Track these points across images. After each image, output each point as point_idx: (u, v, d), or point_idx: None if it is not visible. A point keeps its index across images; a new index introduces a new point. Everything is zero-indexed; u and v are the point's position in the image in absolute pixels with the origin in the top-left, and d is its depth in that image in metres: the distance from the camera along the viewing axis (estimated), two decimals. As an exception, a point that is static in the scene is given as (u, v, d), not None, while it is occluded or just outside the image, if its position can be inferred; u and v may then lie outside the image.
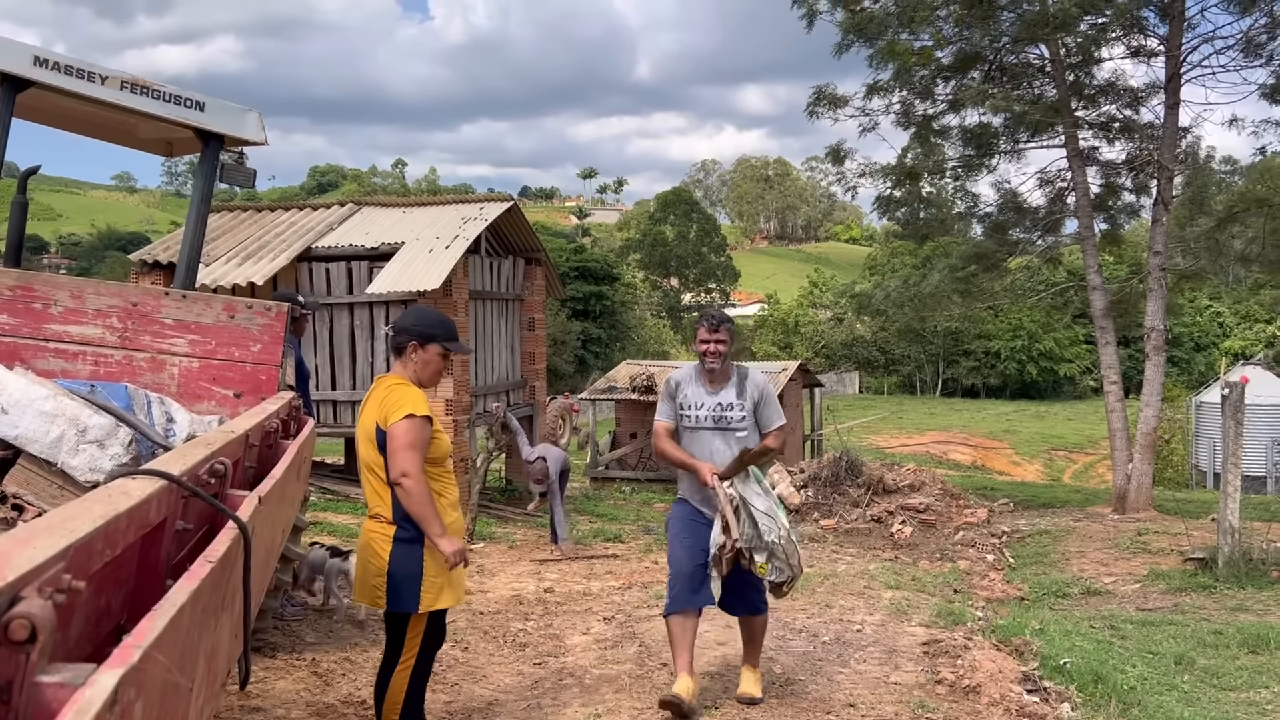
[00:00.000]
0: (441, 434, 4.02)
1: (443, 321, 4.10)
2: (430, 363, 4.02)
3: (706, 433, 4.97)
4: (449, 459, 4.11)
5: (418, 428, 3.84)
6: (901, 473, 14.33)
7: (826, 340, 67.17)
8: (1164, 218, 14.24)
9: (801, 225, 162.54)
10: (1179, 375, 55.99)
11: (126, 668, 0.76)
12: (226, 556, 1.23)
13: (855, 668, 6.30)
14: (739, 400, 5.00)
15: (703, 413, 4.97)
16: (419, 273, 10.87)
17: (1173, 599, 9.00)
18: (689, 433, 5.01)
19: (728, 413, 4.98)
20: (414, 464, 3.81)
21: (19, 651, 0.72)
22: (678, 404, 5.01)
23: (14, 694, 0.74)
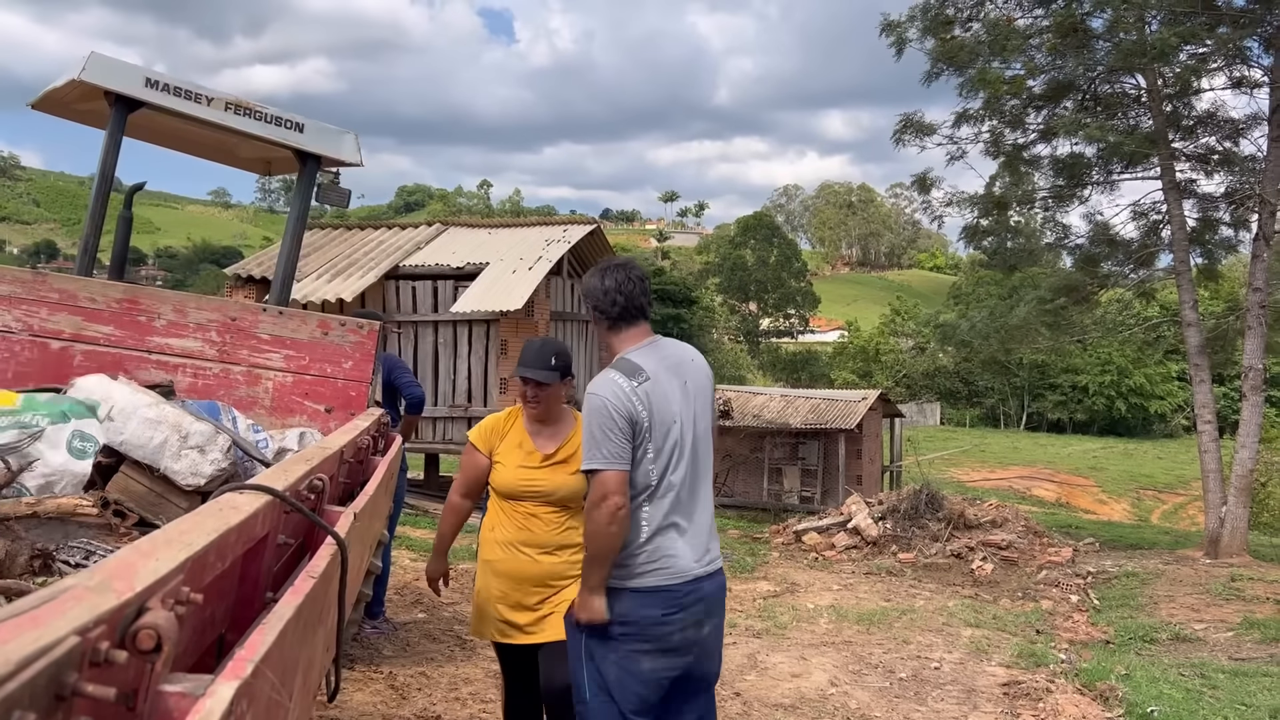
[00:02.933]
0: (502, 464, 3.86)
1: (526, 347, 3.90)
2: (522, 391, 3.91)
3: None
4: (520, 493, 3.83)
5: (465, 452, 4.01)
6: (983, 508, 14.03)
7: (908, 370, 66.23)
8: (1265, 253, 13.78)
9: (884, 252, 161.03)
10: (1278, 416, 53.99)
11: (241, 680, 0.79)
12: (327, 572, 1.26)
13: (933, 706, 6.17)
14: None
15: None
16: (502, 293, 11.02)
17: (1268, 649, 8.65)
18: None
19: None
20: (454, 484, 4.01)
21: (145, 661, 0.75)
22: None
23: (139, 702, 0.77)
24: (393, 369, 6.03)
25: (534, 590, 3.78)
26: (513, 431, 3.90)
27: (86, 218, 5.07)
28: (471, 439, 3.94)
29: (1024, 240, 16.91)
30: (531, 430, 3.88)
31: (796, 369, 67.37)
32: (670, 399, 3.22)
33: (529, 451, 3.85)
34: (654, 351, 3.30)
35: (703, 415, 3.33)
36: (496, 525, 3.86)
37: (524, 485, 3.81)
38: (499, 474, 3.84)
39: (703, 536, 3.24)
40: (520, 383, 3.83)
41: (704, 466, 3.31)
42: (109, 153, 4.90)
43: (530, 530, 3.79)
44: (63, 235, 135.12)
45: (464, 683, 5.46)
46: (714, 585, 3.26)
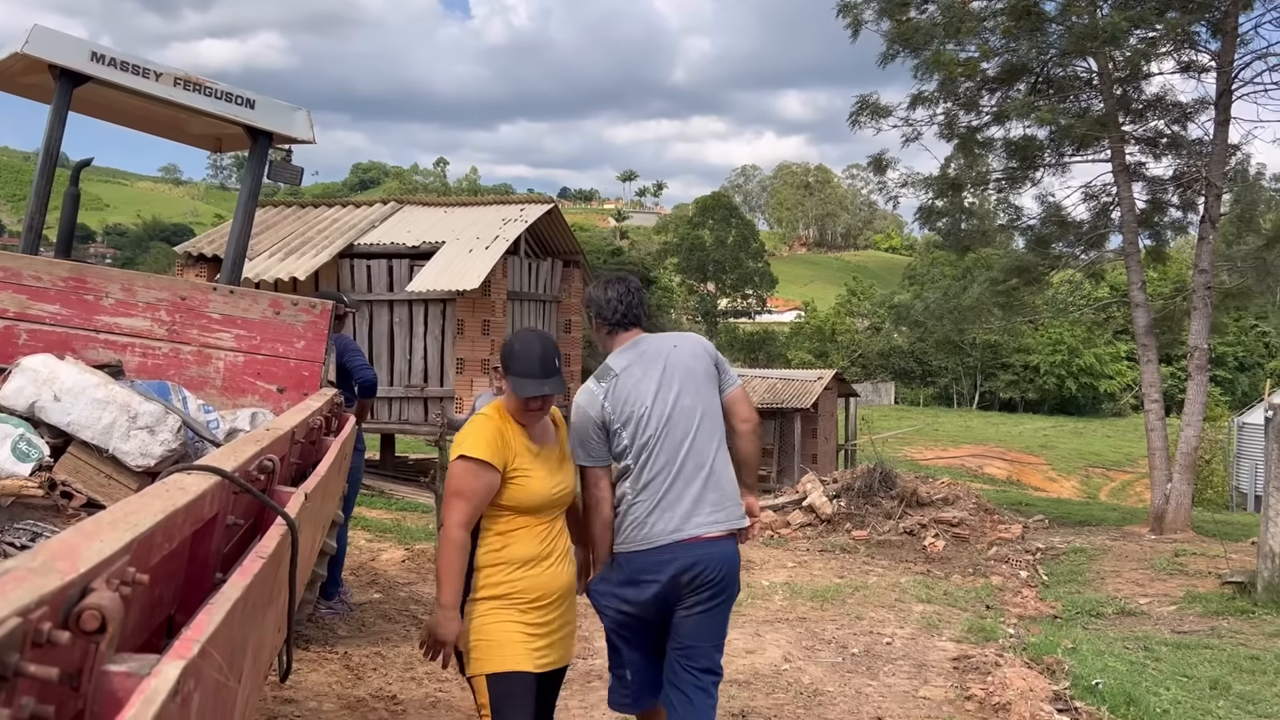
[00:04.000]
0: (529, 476, 3.27)
1: (521, 351, 3.29)
2: (509, 397, 3.32)
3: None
4: (551, 504, 3.36)
5: (464, 472, 3.20)
6: (936, 486, 14.22)
7: (863, 350, 66.84)
8: (1210, 235, 14.06)
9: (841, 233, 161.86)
10: (1222, 395, 55.12)
11: (188, 660, 0.79)
12: (276, 552, 1.26)
13: (884, 680, 6.27)
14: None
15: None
16: (458, 272, 10.96)
17: (1209, 622, 8.87)
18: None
19: None
20: (452, 515, 3.17)
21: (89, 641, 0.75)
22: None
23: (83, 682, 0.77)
24: (345, 351, 5.99)
25: (562, 602, 3.37)
26: (514, 438, 3.31)
27: (31, 194, 4.97)
28: (481, 455, 3.19)
29: (978, 222, 17.11)
30: (528, 432, 3.37)
31: (754, 349, 67.71)
32: (640, 389, 3.59)
33: (539, 453, 3.35)
34: (632, 349, 3.70)
35: (687, 393, 3.63)
36: (508, 546, 3.27)
37: (556, 492, 3.35)
38: (529, 488, 3.26)
39: (686, 504, 3.53)
40: (516, 397, 3.28)
41: (691, 440, 3.59)
42: (54, 128, 4.80)
43: (553, 541, 3.36)
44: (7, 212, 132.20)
45: (419, 662, 5.45)
46: (697, 549, 3.52)
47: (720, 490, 3.60)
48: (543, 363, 3.30)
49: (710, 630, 3.60)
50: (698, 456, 3.58)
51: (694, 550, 3.49)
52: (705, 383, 3.70)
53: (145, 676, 0.76)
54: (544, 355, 3.33)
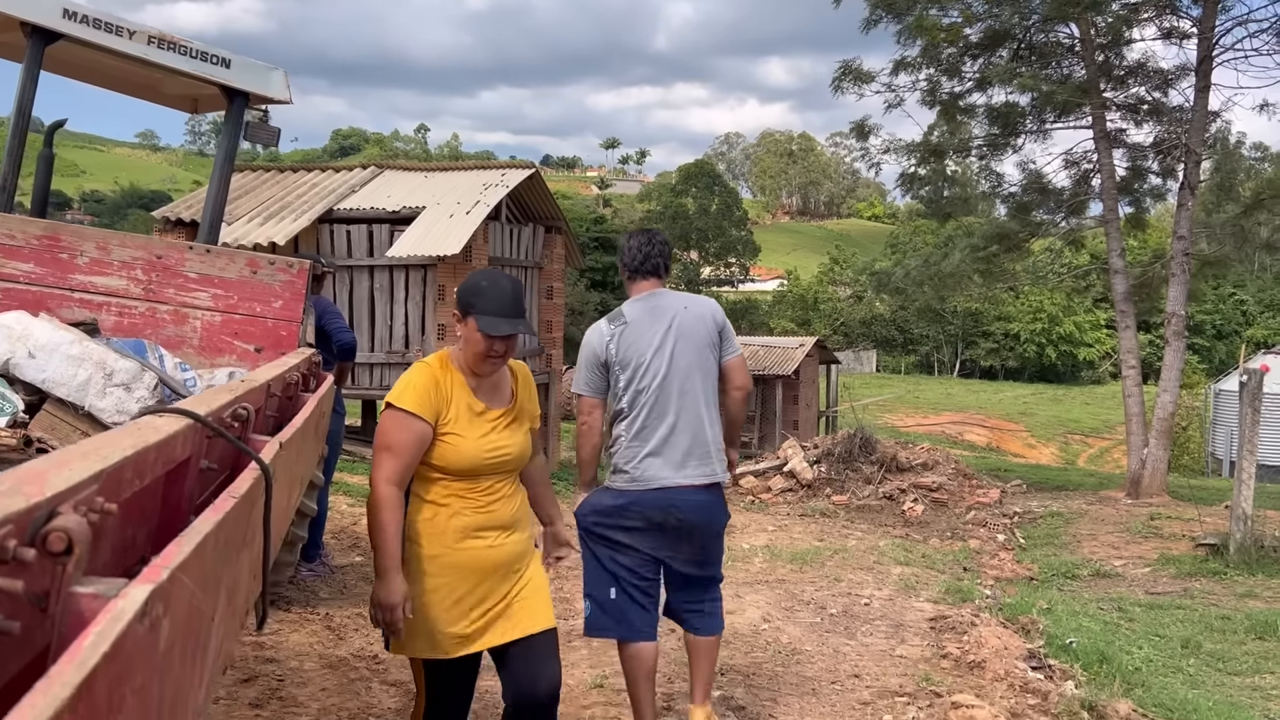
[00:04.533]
0: (460, 436, 3.01)
1: (490, 288, 3.03)
2: (470, 342, 3.02)
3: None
4: (486, 470, 3.06)
5: (391, 424, 2.96)
6: (915, 451, 14.34)
7: (845, 318, 67.00)
8: (1189, 202, 14.12)
9: (824, 201, 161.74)
10: (1199, 363, 55.62)
11: (156, 584, 0.80)
12: (249, 495, 1.27)
13: (862, 640, 6.35)
14: None
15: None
16: (439, 237, 10.91)
17: (1182, 584, 9.01)
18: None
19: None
20: (381, 470, 2.93)
21: (56, 563, 0.76)
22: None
23: (51, 603, 0.78)
24: (324, 313, 5.96)
25: (502, 581, 3.07)
26: (456, 391, 3.04)
27: (4, 156, 4.91)
28: (408, 405, 2.95)
29: (959, 189, 17.12)
30: (475, 386, 3.10)
31: (737, 318, 67.72)
32: (643, 341, 3.87)
33: (481, 413, 3.08)
34: (647, 300, 3.97)
35: (685, 353, 3.88)
36: (439, 514, 3.01)
37: (491, 456, 3.05)
38: (455, 449, 2.99)
39: (676, 454, 3.85)
40: (484, 339, 2.97)
41: (687, 397, 3.88)
42: (26, 88, 4.74)
43: (492, 511, 3.06)
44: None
45: (401, 623, 5.50)
46: (684, 497, 3.86)
47: (706, 446, 3.91)
48: (514, 300, 3.03)
49: (708, 560, 4.07)
50: (689, 413, 3.87)
51: (678, 496, 3.84)
52: (705, 346, 3.94)
53: (112, 598, 0.78)
54: (515, 293, 3.06)
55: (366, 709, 4.19)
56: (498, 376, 3.19)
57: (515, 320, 3.01)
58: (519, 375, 3.30)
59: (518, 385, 3.26)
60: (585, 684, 4.79)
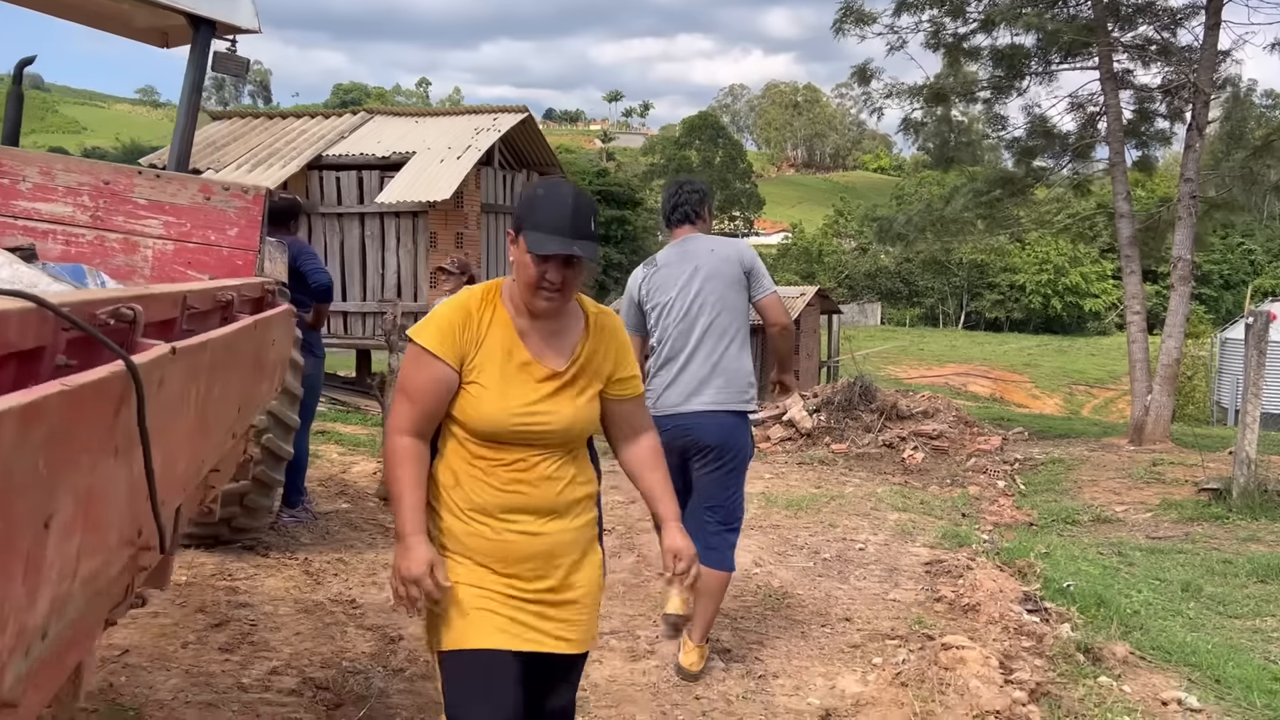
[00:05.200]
0: (483, 388, 2.43)
1: (546, 198, 2.41)
2: (520, 267, 2.41)
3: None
4: (512, 437, 2.45)
5: (408, 361, 2.47)
6: (915, 399, 14.20)
7: (850, 270, 66.61)
8: (1197, 144, 13.83)
9: (830, 153, 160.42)
10: (1206, 313, 55.24)
11: None
12: (99, 389, 1.12)
13: (854, 584, 6.25)
14: None
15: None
16: (429, 183, 10.71)
17: (1184, 528, 8.90)
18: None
19: None
20: (394, 416, 2.47)
21: None
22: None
23: None
24: (299, 254, 5.79)
25: (539, 574, 2.48)
26: (495, 331, 2.45)
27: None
28: (422, 340, 2.42)
29: (964, 135, 16.80)
30: (524, 330, 2.48)
31: (740, 270, 67.31)
32: (670, 282, 4.25)
33: (524, 365, 2.47)
34: (679, 245, 4.34)
35: (709, 292, 4.19)
36: (462, 481, 2.46)
37: (521, 422, 2.43)
38: (480, 403, 2.41)
39: (692, 384, 4.16)
40: (534, 261, 2.35)
41: (708, 332, 4.17)
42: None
43: (522, 491, 2.44)
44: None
45: (383, 568, 5.37)
46: (686, 422, 4.15)
47: (726, 377, 4.18)
48: (577, 215, 2.37)
49: (718, 487, 4.25)
50: (709, 347, 4.17)
51: (691, 420, 4.14)
52: (731, 286, 4.22)
53: None
54: (579, 206, 2.39)
55: (340, 653, 4.09)
56: (560, 322, 2.52)
57: (575, 240, 2.34)
58: (595, 325, 2.58)
59: (589, 338, 2.55)
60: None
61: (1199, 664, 5.26)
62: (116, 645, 3.92)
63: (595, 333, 2.57)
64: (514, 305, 2.49)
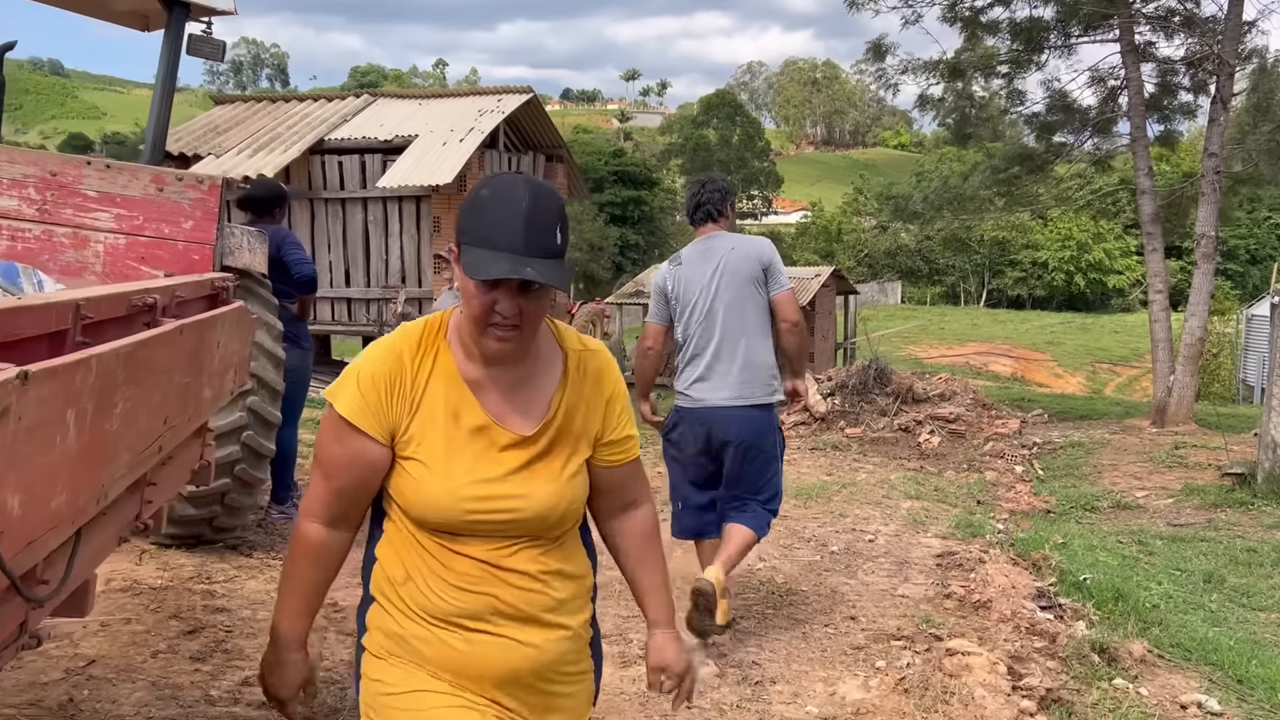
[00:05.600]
0: (424, 466, 1.82)
1: (492, 201, 1.77)
2: (466, 295, 1.78)
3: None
4: (466, 527, 1.83)
5: (324, 428, 1.86)
6: (932, 381, 13.94)
7: (869, 249, 65.97)
8: (1221, 117, 13.45)
9: (849, 130, 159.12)
10: (1232, 289, 54.41)
11: None
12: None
13: (862, 579, 6.05)
14: None
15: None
16: (431, 166, 10.51)
17: (1207, 515, 8.65)
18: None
19: None
20: (308, 494, 1.90)
21: None
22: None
23: None
24: (282, 244, 5.61)
25: (513, 696, 1.87)
26: (436, 386, 1.84)
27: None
28: (340, 408, 1.81)
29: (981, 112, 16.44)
30: (478, 382, 1.85)
31: (759, 250, 66.85)
32: (694, 279, 4.44)
33: (480, 430, 1.84)
34: (702, 243, 4.52)
35: (729, 289, 4.38)
36: (415, 576, 1.85)
37: (479, 509, 1.82)
38: (421, 486, 1.81)
39: (717, 379, 4.36)
40: (478, 289, 1.74)
41: (729, 328, 4.36)
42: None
43: (492, 593, 1.84)
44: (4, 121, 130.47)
45: (369, 567, 5.22)
46: (710, 415, 4.37)
47: (750, 371, 4.37)
48: (531, 228, 1.71)
49: (750, 479, 4.43)
50: (730, 343, 4.36)
51: (716, 414, 4.35)
52: (749, 283, 4.40)
53: None
54: (534, 216, 1.72)
55: (316, 659, 3.92)
56: (527, 367, 1.87)
57: (531, 259, 1.68)
58: (577, 367, 1.92)
59: (568, 387, 1.90)
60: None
61: (1221, 662, 5.05)
62: (83, 655, 3.77)
63: (577, 379, 1.90)
64: (463, 348, 1.82)
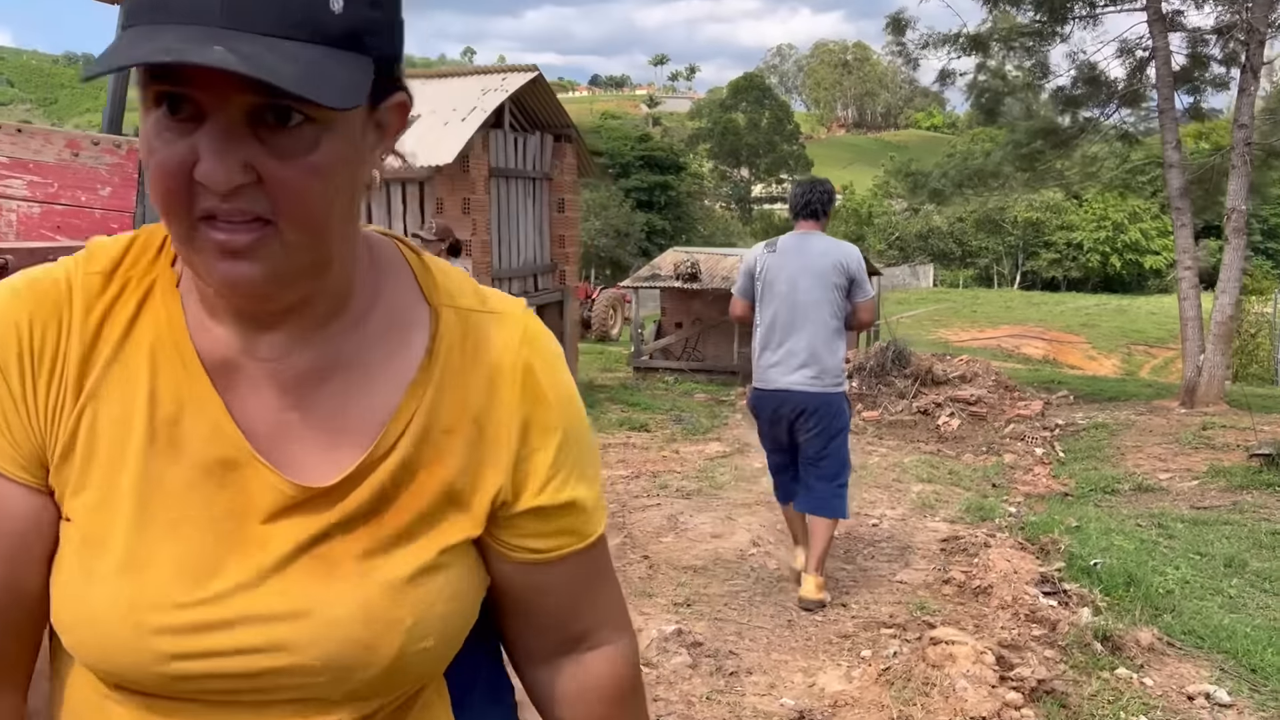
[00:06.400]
0: (77, 549, 0.82)
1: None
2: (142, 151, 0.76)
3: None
4: (157, 678, 0.80)
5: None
6: (953, 363, 13.62)
7: (900, 231, 65.21)
8: (1252, 86, 12.98)
9: (881, 113, 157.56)
10: (1273, 267, 53.22)
11: None
12: None
13: (860, 564, 5.81)
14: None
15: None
16: (432, 146, 10.30)
17: (1232, 497, 8.31)
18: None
19: None
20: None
21: None
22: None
23: None
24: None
25: None
26: (134, 364, 0.83)
27: None
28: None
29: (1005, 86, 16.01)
30: (235, 364, 0.85)
31: (789, 235, 66.34)
32: (782, 267, 4.85)
33: (220, 470, 0.83)
34: (796, 238, 4.94)
35: (811, 288, 4.80)
36: None
37: (200, 651, 0.80)
38: (81, 591, 0.81)
39: (794, 364, 4.80)
40: (149, 128, 0.73)
41: (800, 318, 4.80)
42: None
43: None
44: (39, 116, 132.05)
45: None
46: (785, 396, 4.85)
47: (815, 358, 4.80)
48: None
49: (817, 447, 4.90)
50: (805, 332, 4.78)
51: (785, 395, 4.84)
52: (830, 285, 4.80)
53: None
54: None
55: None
56: (339, 339, 0.88)
57: (236, 35, 0.69)
58: (451, 348, 0.91)
59: (431, 386, 0.89)
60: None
61: (1234, 650, 4.78)
62: None
63: (455, 370, 0.91)
64: (204, 299, 0.86)
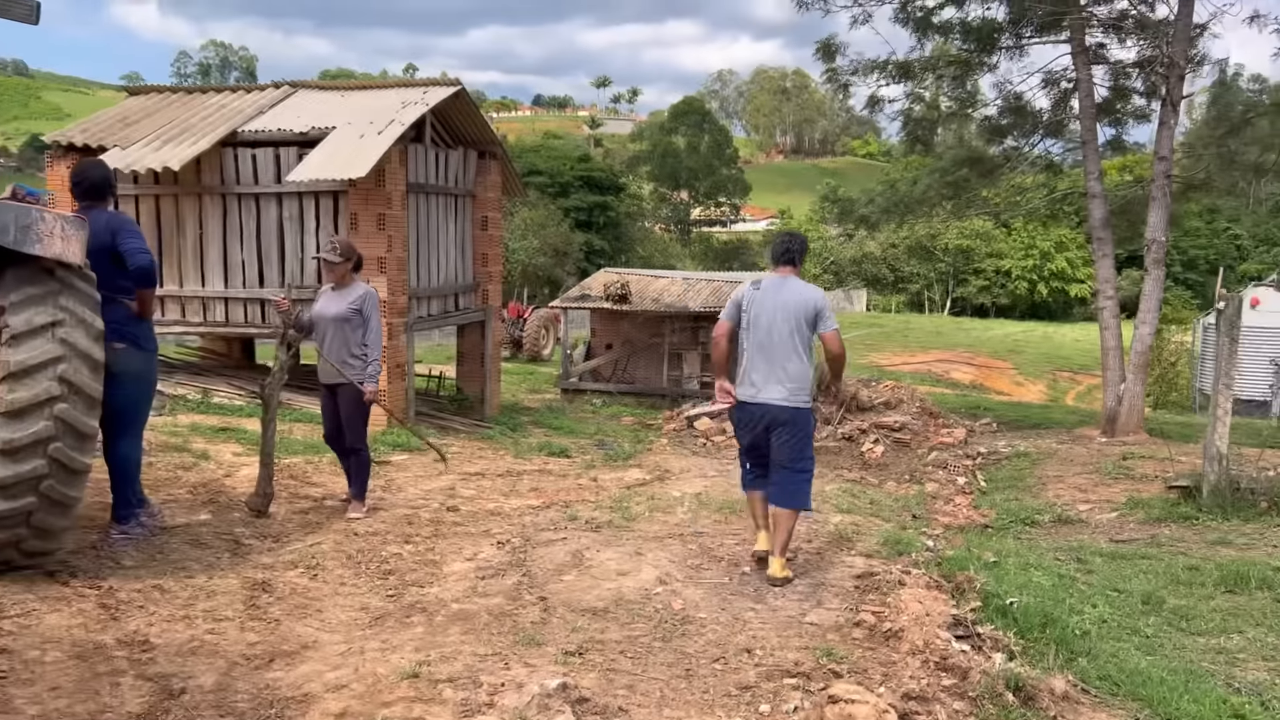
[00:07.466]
0: None
1: None
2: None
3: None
4: None
5: None
6: (878, 389, 13.51)
7: (835, 257, 65.78)
8: (1172, 120, 13.12)
9: (818, 139, 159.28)
10: (1192, 298, 54.53)
11: None
12: None
13: (770, 604, 5.54)
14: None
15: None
16: (346, 159, 9.93)
17: (1150, 530, 8.24)
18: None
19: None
20: None
21: None
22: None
23: None
24: (119, 230, 5.03)
25: None
26: None
27: None
28: None
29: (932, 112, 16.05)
30: None
31: (728, 258, 66.65)
32: (764, 304, 5.80)
33: None
34: (776, 280, 5.90)
35: (785, 321, 5.75)
36: None
37: None
38: None
39: (769, 381, 5.75)
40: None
41: (779, 346, 5.75)
42: None
43: None
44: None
45: (206, 596, 4.63)
46: (763, 408, 5.78)
47: (787, 376, 5.76)
48: None
49: (787, 451, 5.80)
50: (778, 356, 5.75)
51: (765, 408, 5.77)
52: (801, 319, 5.75)
53: None
54: None
55: (98, 713, 3.36)
56: None
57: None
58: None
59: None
60: (399, 672, 3.94)
61: (1150, 697, 4.60)
62: None
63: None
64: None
